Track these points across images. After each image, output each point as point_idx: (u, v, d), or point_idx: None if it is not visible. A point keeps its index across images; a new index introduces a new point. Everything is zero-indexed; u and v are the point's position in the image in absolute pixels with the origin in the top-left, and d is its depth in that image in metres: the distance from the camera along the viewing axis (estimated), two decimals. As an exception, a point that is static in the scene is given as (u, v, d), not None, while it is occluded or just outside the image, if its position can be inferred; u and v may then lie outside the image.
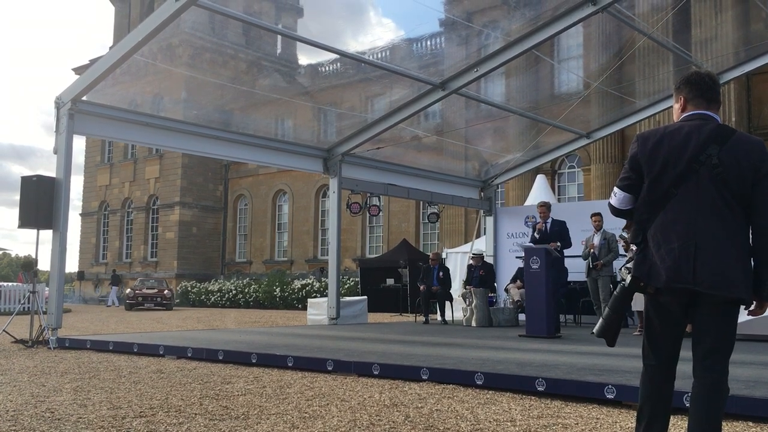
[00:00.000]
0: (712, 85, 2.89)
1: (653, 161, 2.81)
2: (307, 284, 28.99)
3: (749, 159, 2.70)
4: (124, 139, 12.76)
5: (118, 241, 40.74)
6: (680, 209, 2.74)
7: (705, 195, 2.71)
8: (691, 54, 15.00)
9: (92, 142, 42.31)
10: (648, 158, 2.82)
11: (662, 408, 2.86)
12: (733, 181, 2.69)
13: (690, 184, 2.73)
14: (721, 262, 2.68)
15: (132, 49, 8.97)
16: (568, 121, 14.11)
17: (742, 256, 2.70)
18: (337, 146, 13.08)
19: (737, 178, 2.69)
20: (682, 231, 2.73)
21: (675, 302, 2.78)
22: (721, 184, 2.70)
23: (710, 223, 2.70)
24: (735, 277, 2.67)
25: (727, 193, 2.70)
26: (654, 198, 2.81)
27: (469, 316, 12.50)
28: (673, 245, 2.72)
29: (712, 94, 2.88)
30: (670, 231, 2.75)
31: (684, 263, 2.69)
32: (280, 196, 37.84)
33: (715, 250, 2.68)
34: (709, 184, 2.71)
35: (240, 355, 7.08)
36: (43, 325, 9.17)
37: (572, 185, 26.46)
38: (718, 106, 2.90)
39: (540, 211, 10.53)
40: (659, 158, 2.79)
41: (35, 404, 4.57)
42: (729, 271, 2.67)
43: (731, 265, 2.67)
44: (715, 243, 2.69)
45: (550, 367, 5.61)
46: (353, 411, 4.34)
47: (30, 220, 9.10)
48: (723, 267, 2.67)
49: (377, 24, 70.59)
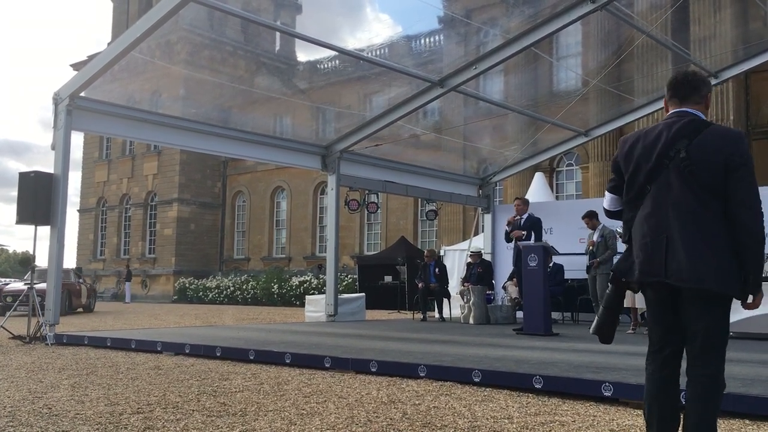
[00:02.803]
0: (685, 82, 2.92)
1: (628, 161, 2.92)
2: (305, 281, 29.00)
3: (720, 151, 2.69)
4: (122, 135, 12.76)
5: (116, 238, 40.71)
6: (653, 205, 2.82)
7: (675, 189, 2.76)
8: (689, 52, 15.01)
9: (90, 138, 42.26)
10: (624, 159, 2.95)
11: (668, 407, 2.82)
12: (702, 174, 2.70)
13: (661, 179, 2.80)
14: (692, 254, 2.68)
15: (130, 45, 8.95)
16: (567, 119, 14.11)
17: (719, 249, 2.67)
18: (336, 143, 13.07)
19: (707, 170, 2.69)
20: (654, 225, 2.80)
21: (656, 297, 2.83)
22: (690, 178, 2.72)
23: (681, 217, 2.73)
24: (706, 269, 2.65)
25: (697, 186, 2.71)
26: (631, 196, 2.92)
27: (466, 313, 12.51)
28: (646, 240, 2.80)
29: (685, 91, 2.91)
30: (645, 226, 2.83)
31: (656, 257, 2.76)
32: (279, 193, 37.83)
33: (686, 243, 2.70)
34: (679, 178, 2.75)
35: (238, 352, 7.08)
36: (40, 321, 9.16)
37: (570, 183, 26.47)
38: (697, 101, 2.90)
39: (516, 204, 10.87)
40: (633, 158, 2.90)
41: (33, 400, 4.57)
42: (699, 264, 2.66)
43: (703, 257, 2.66)
44: (686, 236, 2.70)
45: (548, 365, 5.61)
46: (351, 408, 4.34)
47: (28, 216, 9.09)
48: (693, 259, 2.67)
49: (375, 20, 70.49)
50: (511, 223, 10.68)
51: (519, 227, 10.51)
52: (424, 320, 13.72)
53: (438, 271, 14.03)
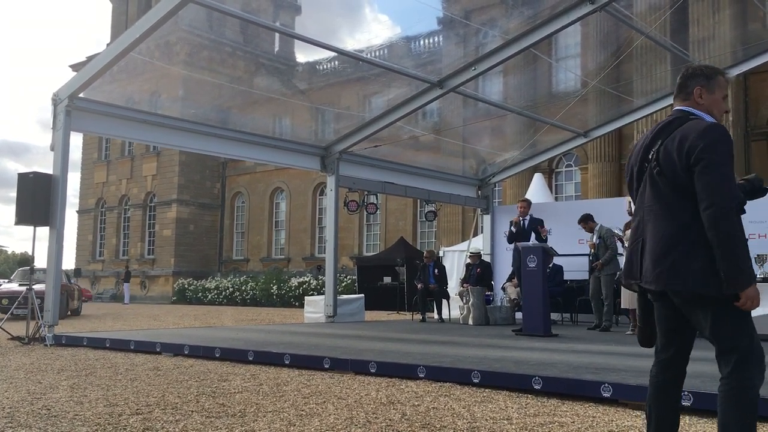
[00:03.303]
0: (681, 79, 2.89)
1: (627, 166, 3.00)
2: (304, 282, 28.99)
3: (682, 147, 2.64)
4: (122, 136, 12.75)
5: (115, 239, 40.68)
6: (637, 208, 2.88)
7: (648, 192, 2.79)
8: (688, 53, 15.01)
9: (89, 139, 42.25)
10: (627, 164, 3.01)
11: (667, 409, 2.79)
12: (668, 174, 2.68)
13: (643, 183, 2.83)
14: (662, 256, 2.66)
15: (129, 46, 8.95)
16: (566, 120, 14.12)
17: (694, 249, 2.60)
18: (335, 144, 13.07)
19: (672, 170, 2.67)
20: (634, 229, 2.89)
21: (644, 298, 2.87)
22: (659, 179, 2.72)
23: (655, 219, 2.74)
24: (674, 271, 2.62)
25: (667, 187, 2.69)
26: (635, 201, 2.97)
27: (466, 314, 12.51)
28: (631, 244, 2.89)
29: (679, 88, 2.89)
30: (633, 231, 2.91)
31: (635, 260, 2.83)
32: (278, 194, 37.82)
33: (657, 245, 2.70)
34: (650, 181, 2.77)
35: (237, 353, 7.08)
36: (39, 322, 9.16)
37: (569, 184, 26.48)
38: (684, 98, 2.85)
39: (519, 206, 10.88)
40: (629, 162, 2.97)
41: (32, 401, 4.57)
42: (657, 265, 2.67)
43: (674, 258, 2.63)
44: (657, 238, 2.70)
45: (547, 366, 5.61)
46: (350, 409, 4.34)
47: (27, 217, 9.08)
48: (663, 261, 2.66)
49: (374, 21, 70.61)
50: (516, 224, 10.68)
51: (523, 229, 10.52)
52: (423, 321, 13.72)
53: (437, 272, 14.03)
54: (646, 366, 5.53)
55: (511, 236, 10.83)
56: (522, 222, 10.64)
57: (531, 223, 10.60)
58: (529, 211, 10.73)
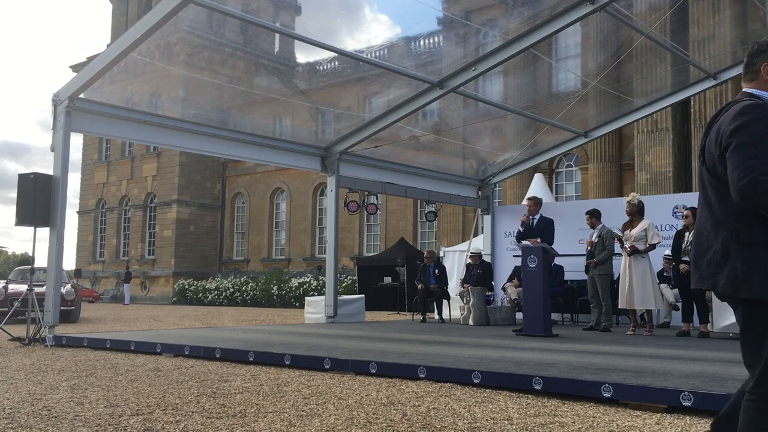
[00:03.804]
0: (746, 58, 2.61)
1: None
2: (304, 282, 29.00)
3: (718, 136, 2.46)
4: (122, 136, 12.72)
5: (115, 239, 40.70)
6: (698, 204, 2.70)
7: (699, 184, 2.64)
8: (688, 53, 15.01)
9: (89, 140, 42.29)
10: None
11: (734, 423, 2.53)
12: (711, 166, 2.51)
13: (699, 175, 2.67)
14: (707, 254, 2.50)
15: (129, 47, 8.95)
16: (566, 120, 14.12)
17: (726, 248, 2.42)
18: (335, 144, 13.08)
19: (712, 162, 2.49)
20: (696, 227, 2.68)
21: None
22: (705, 171, 2.55)
23: (699, 215, 2.62)
24: (716, 269, 2.45)
25: (708, 180, 2.53)
26: None
27: (466, 314, 12.51)
28: None
29: (746, 68, 2.61)
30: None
31: (695, 260, 2.62)
32: (278, 195, 37.83)
33: (703, 243, 2.54)
34: (700, 173, 2.62)
35: (237, 353, 7.08)
36: (40, 323, 9.16)
37: (570, 184, 26.50)
38: (752, 78, 2.58)
39: (528, 204, 10.69)
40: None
41: (32, 402, 4.57)
42: (712, 264, 2.47)
43: (716, 256, 2.46)
44: (704, 235, 2.54)
45: (547, 366, 5.61)
46: (350, 409, 4.34)
47: (27, 217, 9.08)
48: (707, 259, 2.49)
49: (374, 21, 70.62)
50: (525, 224, 10.45)
51: (531, 228, 10.39)
52: (423, 321, 13.72)
53: (437, 272, 14.03)
54: (646, 366, 5.54)
55: (519, 235, 10.61)
56: (531, 221, 10.45)
57: (539, 222, 10.40)
58: (538, 210, 10.49)
